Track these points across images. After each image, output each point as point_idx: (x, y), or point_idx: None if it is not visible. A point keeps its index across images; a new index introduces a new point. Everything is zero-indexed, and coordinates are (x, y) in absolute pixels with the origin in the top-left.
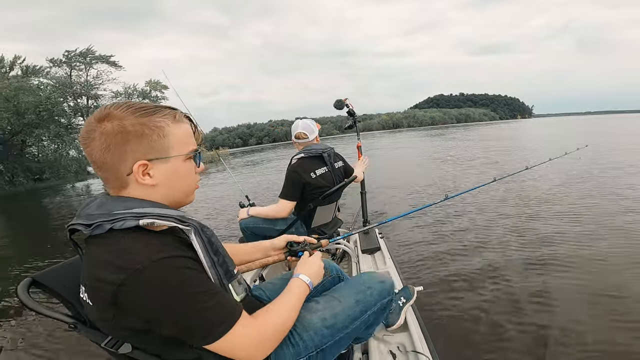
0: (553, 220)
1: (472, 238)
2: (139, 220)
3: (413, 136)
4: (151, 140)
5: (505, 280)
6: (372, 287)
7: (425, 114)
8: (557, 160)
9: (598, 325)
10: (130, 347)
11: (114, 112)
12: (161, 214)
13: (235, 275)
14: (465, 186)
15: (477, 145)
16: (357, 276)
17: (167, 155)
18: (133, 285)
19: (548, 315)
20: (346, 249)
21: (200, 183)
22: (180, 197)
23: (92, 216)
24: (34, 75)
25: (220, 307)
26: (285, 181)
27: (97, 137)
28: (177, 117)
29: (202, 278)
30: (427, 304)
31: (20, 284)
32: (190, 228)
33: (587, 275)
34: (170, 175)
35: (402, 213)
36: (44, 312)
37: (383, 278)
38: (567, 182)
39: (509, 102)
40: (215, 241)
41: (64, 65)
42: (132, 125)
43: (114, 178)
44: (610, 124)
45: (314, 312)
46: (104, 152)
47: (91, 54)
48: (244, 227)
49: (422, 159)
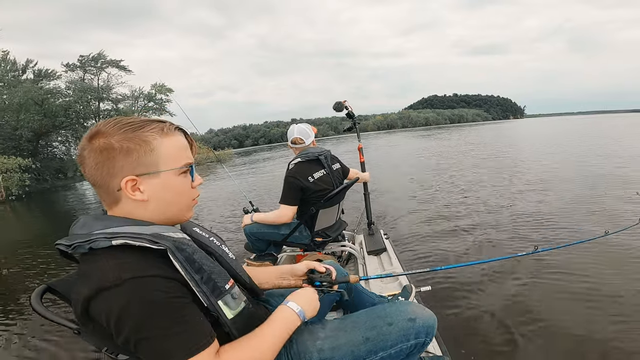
0: (570, 221)
1: (481, 237)
2: (112, 240)
3: (406, 137)
4: (138, 156)
5: (515, 280)
6: (395, 324)
7: (419, 114)
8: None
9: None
10: (126, 356)
11: (102, 129)
12: (134, 233)
13: (227, 291)
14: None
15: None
16: (382, 306)
17: (156, 170)
18: (99, 302)
19: (559, 317)
20: (352, 251)
21: (204, 186)
22: (174, 213)
23: (74, 236)
24: (45, 79)
25: (182, 337)
26: (284, 187)
27: (87, 155)
28: (165, 130)
29: (173, 302)
30: (435, 304)
31: (35, 290)
32: (164, 249)
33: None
34: (161, 190)
35: (461, 264)
36: (50, 317)
37: (416, 315)
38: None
39: (501, 103)
40: (197, 258)
41: (77, 70)
42: (118, 141)
43: (106, 194)
44: (606, 125)
45: (315, 338)
46: (94, 170)
47: (102, 59)
48: (248, 232)
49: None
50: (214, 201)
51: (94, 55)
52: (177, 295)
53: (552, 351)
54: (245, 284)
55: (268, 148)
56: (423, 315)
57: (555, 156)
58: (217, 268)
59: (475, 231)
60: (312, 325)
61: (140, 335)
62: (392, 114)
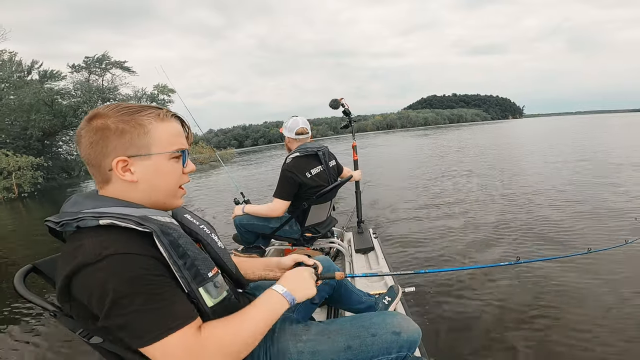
0: (555, 223)
1: (468, 239)
2: (99, 220)
3: (403, 137)
4: (132, 137)
5: (499, 283)
6: (379, 336)
7: (419, 114)
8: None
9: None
10: (100, 338)
11: (101, 112)
12: (122, 214)
13: (209, 279)
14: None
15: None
16: (369, 314)
17: (147, 153)
18: (80, 277)
19: (541, 320)
20: (340, 248)
21: (200, 181)
22: (161, 197)
23: (64, 214)
24: (50, 79)
25: (159, 313)
26: (279, 180)
27: (84, 135)
28: (161, 115)
29: (153, 280)
30: (418, 305)
31: (20, 270)
32: (149, 231)
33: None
34: (152, 172)
35: (444, 269)
36: (29, 298)
37: (401, 328)
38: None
39: (500, 103)
40: (183, 243)
41: (83, 71)
42: (114, 122)
43: (98, 173)
44: (606, 124)
45: (296, 339)
46: (89, 148)
47: (107, 60)
48: (238, 223)
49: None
50: (206, 195)
51: (99, 57)
52: (156, 274)
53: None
54: (232, 274)
55: (273, 147)
56: (408, 329)
57: (552, 158)
58: (202, 255)
59: (463, 235)
60: (296, 326)
61: (117, 312)
62: (392, 114)
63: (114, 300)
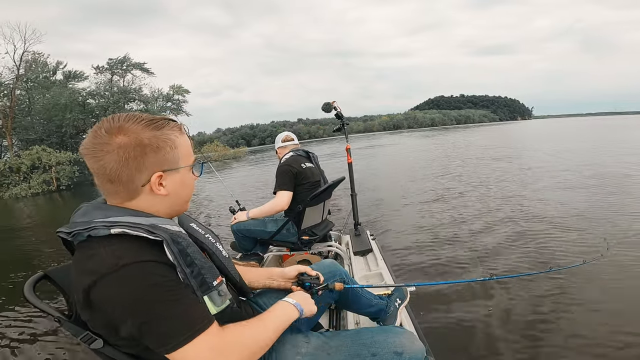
0: (550, 230)
1: (467, 241)
2: (110, 229)
3: (409, 137)
4: (165, 152)
5: (498, 285)
6: (379, 356)
7: (425, 115)
8: None
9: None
10: (101, 343)
11: (126, 126)
12: (133, 223)
13: (214, 287)
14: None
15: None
16: (372, 331)
17: (177, 167)
18: (100, 288)
19: (542, 324)
20: (338, 252)
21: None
22: (180, 205)
23: (74, 224)
24: (74, 80)
25: (181, 318)
26: (278, 175)
27: (113, 150)
28: (181, 129)
29: (171, 286)
30: (418, 305)
31: (31, 277)
32: (160, 239)
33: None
34: (179, 185)
35: (434, 282)
36: (37, 305)
37: (403, 348)
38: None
39: (509, 104)
40: (191, 252)
41: (106, 72)
42: (149, 138)
43: (126, 190)
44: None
45: (295, 351)
46: (122, 165)
47: (127, 61)
48: (236, 230)
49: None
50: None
51: (120, 58)
52: (172, 279)
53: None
54: (236, 282)
55: (271, 148)
56: (411, 349)
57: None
58: (208, 264)
59: (457, 246)
60: (296, 335)
61: (142, 319)
62: (398, 114)
63: (136, 309)
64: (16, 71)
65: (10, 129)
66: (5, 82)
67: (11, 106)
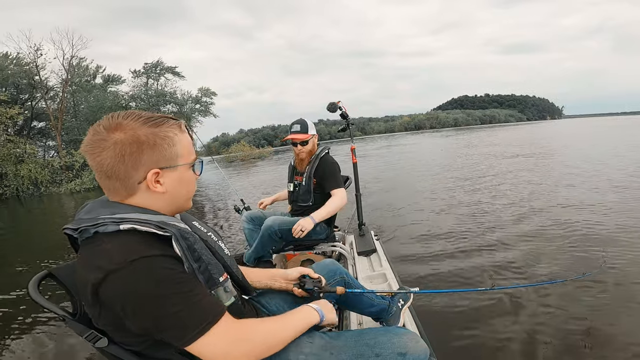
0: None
1: (470, 240)
2: (119, 225)
3: (427, 137)
4: (163, 150)
5: (503, 282)
6: (382, 356)
7: (448, 115)
8: None
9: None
10: (106, 342)
11: (124, 122)
12: (142, 219)
13: (221, 283)
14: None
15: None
16: (376, 331)
17: (175, 164)
18: (109, 284)
19: (547, 322)
20: (342, 252)
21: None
22: (181, 204)
23: (80, 221)
24: (112, 83)
25: (195, 309)
26: (333, 173)
27: (109, 147)
28: (182, 127)
29: (182, 278)
30: (421, 306)
31: (36, 275)
32: (169, 235)
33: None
34: (177, 182)
35: (440, 290)
36: (41, 303)
37: (407, 349)
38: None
39: (537, 103)
40: (198, 248)
41: (142, 76)
42: (146, 135)
43: (123, 187)
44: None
45: (298, 351)
46: (118, 162)
47: (161, 65)
48: (270, 229)
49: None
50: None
51: (154, 63)
52: (182, 271)
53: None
54: (239, 280)
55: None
56: (415, 350)
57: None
58: (214, 261)
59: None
60: (300, 336)
61: (156, 314)
62: (420, 114)
63: (148, 304)
64: (64, 75)
65: (60, 130)
66: (55, 87)
67: (60, 109)
